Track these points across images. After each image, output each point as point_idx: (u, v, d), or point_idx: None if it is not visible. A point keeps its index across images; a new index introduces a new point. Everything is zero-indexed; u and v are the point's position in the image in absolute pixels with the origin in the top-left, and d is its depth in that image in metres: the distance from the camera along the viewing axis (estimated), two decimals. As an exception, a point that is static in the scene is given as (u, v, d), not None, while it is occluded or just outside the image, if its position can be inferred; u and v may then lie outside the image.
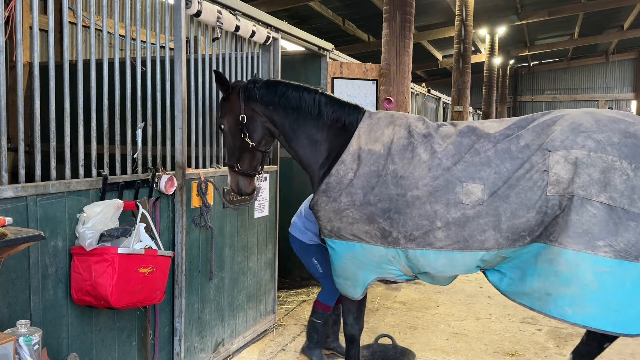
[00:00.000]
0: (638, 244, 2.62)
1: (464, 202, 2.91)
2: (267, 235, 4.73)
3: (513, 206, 2.84)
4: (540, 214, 2.81)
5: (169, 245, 3.48)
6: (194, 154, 3.90)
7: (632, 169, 2.67)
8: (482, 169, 2.92)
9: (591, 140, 2.76)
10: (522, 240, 2.88)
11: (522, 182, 2.84)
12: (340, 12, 15.78)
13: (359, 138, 3.20)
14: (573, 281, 2.72)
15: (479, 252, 2.95)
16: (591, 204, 2.69)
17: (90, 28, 3.04)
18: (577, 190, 2.72)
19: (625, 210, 2.65)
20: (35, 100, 2.67)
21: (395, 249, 3.11)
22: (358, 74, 6.38)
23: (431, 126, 3.21)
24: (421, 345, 4.49)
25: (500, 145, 2.95)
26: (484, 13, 17.34)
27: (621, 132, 2.75)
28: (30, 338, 2.21)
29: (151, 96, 3.40)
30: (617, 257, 2.63)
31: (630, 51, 28.38)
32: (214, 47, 3.97)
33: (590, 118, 2.85)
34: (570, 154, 2.76)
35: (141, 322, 3.30)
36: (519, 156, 2.88)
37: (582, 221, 2.69)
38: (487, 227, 2.90)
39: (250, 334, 4.51)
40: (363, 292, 3.34)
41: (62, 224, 2.73)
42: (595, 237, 2.67)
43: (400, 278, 3.33)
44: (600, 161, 2.71)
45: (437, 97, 12.09)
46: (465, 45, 13.24)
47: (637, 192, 2.66)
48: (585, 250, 2.68)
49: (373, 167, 3.11)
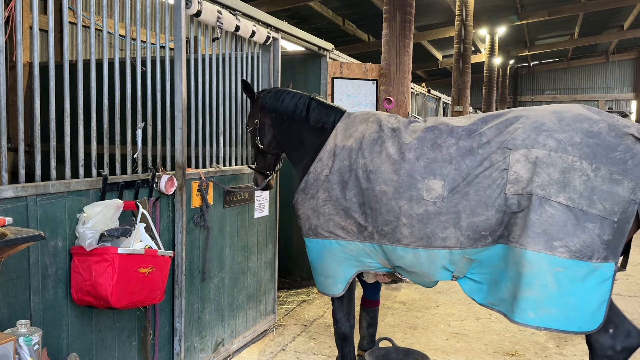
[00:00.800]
0: (593, 245, 2.61)
1: (425, 198, 2.91)
2: (267, 235, 4.73)
3: (472, 203, 2.82)
4: (499, 212, 2.79)
5: (169, 245, 3.48)
6: (194, 154, 3.91)
7: (592, 170, 2.63)
8: (444, 165, 2.91)
9: (552, 139, 2.72)
10: (483, 240, 2.86)
11: (481, 180, 2.82)
12: (340, 12, 15.79)
13: (336, 136, 3.33)
14: (535, 283, 2.69)
15: (442, 250, 2.93)
16: (550, 204, 2.66)
17: (90, 28, 3.04)
18: (536, 190, 2.69)
19: (584, 211, 2.62)
20: (35, 100, 2.67)
21: (372, 244, 3.16)
22: (358, 74, 6.38)
23: (402, 121, 3.22)
24: (421, 346, 4.49)
25: (462, 141, 2.93)
26: (484, 13, 17.35)
27: (584, 131, 2.70)
28: (30, 338, 2.21)
29: (151, 96, 3.40)
30: (572, 257, 2.62)
31: (630, 51, 28.39)
32: (214, 47, 3.97)
33: (554, 117, 2.81)
34: (531, 153, 2.73)
35: (141, 322, 3.30)
36: (479, 152, 2.86)
37: (541, 221, 2.66)
38: (447, 224, 2.88)
39: (250, 334, 4.51)
40: (344, 288, 3.36)
41: (62, 224, 2.73)
42: (553, 237, 2.64)
43: (381, 270, 3.34)
44: (561, 161, 2.67)
45: (437, 97, 12.09)
46: (465, 45, 13.24)
47: (596, 193, 2.61)
48: (544, 251, 2.66)
49: (346, 161, 3.19)
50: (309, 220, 3.32)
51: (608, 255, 2.62)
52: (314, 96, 3.62)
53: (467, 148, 2.89)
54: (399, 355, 3.87)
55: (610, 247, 2.61)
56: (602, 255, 2.61)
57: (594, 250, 2.61)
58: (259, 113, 3.72)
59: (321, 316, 5.20)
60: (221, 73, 4.09)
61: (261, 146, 3.72)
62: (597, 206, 2.61)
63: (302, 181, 3.33)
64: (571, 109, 2.86)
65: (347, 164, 3.17)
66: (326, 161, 3.26)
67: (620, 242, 2.63)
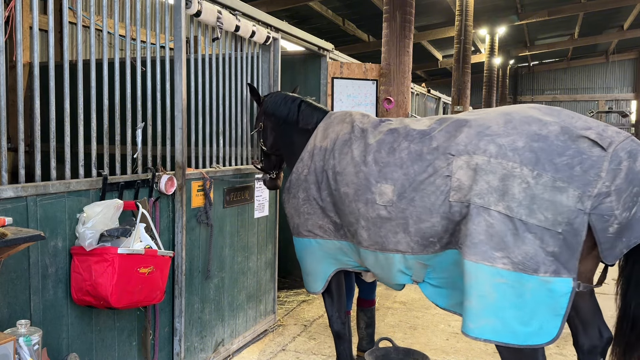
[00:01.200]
0: (536, 257, 2.44)
1: (378, 202, 2.89)
2: (267, 235, 4.73)
3: (418, 210, 2.76)
4: (444, 219, 2.69)
5: (169, 245, 3.48)
6: (194, 154, 3.91)
7: (533, 177, 2.45)
8: (395, 169, 2.87)
9: (493, 144, 2.58)
10: (432, 247, 2.79)
11: (426, 186, 2.74)
12: (340, 12, 15.78)
13: (316, 136, 3.38)
14: (472, 293, 2.58)
15: (395, 254, 2.90)
16: (489, 214, 2.52)
17: (90, 28, 3.04)
18: (474, 199, 2.56)
19: (523, 221, 2.45)
20: (35, 100, 2.67)
21: (347, 242, 3.20)
22: (358, 74, 6.38)
23: (372, 122, 3.20)
24: (421, 346, 4.49)
25: (413, 145, 2.87)
26: (484, 13, 17.34)
27: (529, 135, 2.54)
28: (30, 338, 2.21)
29: (151, 96, 3.40)
30: (516, 269, 2.46)
31: (630, 51, 28.38)
32: (214, 47, 3.98)
33: (502, 119, 2.67)
34: (472, 160, 2.61)
35: (141, 322, 3.30)
36: (427, 158, 2.78)
37: (479, 231, 2.53)
38: (398, 229, 2.84)
39: (250, 334, 4.51)
40: (324, 286, 3.42)
41: (62, 224, 2.73)
42: (493, 248, 2.50)
43: (359, 269, 3.36)
44: (500, 167, 2.52)
45: (437, 97, 12.09)
46: (465, 45, 13.24)
47: (537, 202, 2.43)
48: (482, 262, 2.52)
49: (320, 162, 3.24)
50: (292, 220, 3.40)
51: (559, 269, 2.43)
52: (306, 99, 3.71)
53: (417, 152, 2.83)
54: (399, 355, 3.86)
55: (559, 261, 2.43)
56: (550, 269, 2.43)
57: (538, 262, 2.44)
58: (263, 116, 3.83)
59: (321, 316, 5.20)
60: (221, 73, 4.09)
61: (265, 148, 3.85)
62: (537, 216, 2.43)
63: (287, 181, 3.43)
64: (524, 111, 2.70)
65: (322, 164, 3.22)
66: (306, 161, 3.32)
67: (572, 255, 2.43)
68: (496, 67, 21.16)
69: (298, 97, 3.74)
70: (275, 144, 3.80)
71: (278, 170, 3.95)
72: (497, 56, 20.26)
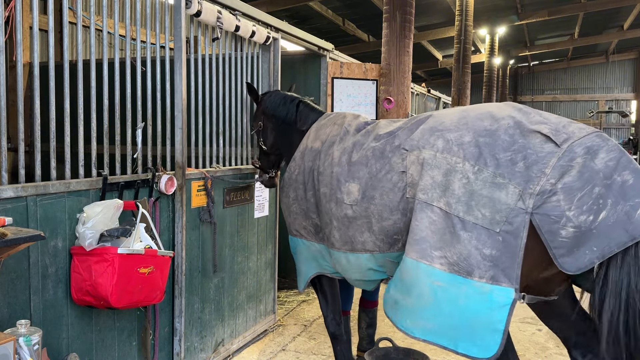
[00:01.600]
0: (470, 258, 2.28)
1: (346, 201, 2.88)
2: (267, 235, 4.73)
3: (379, 207, 2.72)
4: (405, 215, 2.64)
5: (169, 245, 3.48)
6: (194, 154, 3.91)
7: (473, 172, 2.32)
8: (360, 168, 2.85)
9: (442, 139, 2.52)
10: (397, 244, 2.73)
11: (384, 183, 2.71)
12: (340, 12, 15.77)
13: (308, 137, 3.39)
14: (412, 291, 2.50)
15: (364, 254, 2.87)
16: (431, 209, 2.42)
17: (90, 28, 3.03)
18: (419, 194, 2.49)
19: (460, 218, 2.32)
20: (35, 100, 2.67)
21: (325, 245, 3.19)
22: (358, 74, 6.38)
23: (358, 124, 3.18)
24: (421, 346, 4.48)
25: (379, 144, 2.84)
26: (484, 13, 17.33)
27: (477, 130, 2.43)
28: (30, 338, 2.21)
29: (151, 96, 3.40)
30: (451, 270, 2.34)
31: (630, 51, 28.36)
32: (214, 47, 3.98)
33: (457, 116, 2.59)
34: (421, 154, 2.56)
35: (141, 322, 3.30)
36: (388, 156, 2.75)
37: (421, 227, 2.44)
38: (363, 228, 2.81)
39: (250, 334, 4.51)
40: (304, 287, 3.47)
41: (62, 224, 2.73)
42: (432, 246, 2.39)
43: (336, 275, 3.31)
44: (445, 162, 2.43)
45: (437, 97, 12.09)
46: (465, 45, 13.24)
47: (475, 198, 2.29)
48: (422, 260, 2.43)
49: (309, 163, 3.25)
50: (286, 218, 3.46)
51: (497, 276, 2.24)
52: (304, 99, 3.72)
53: (380, 150, 2.80)
54: (399, 355, 3.86)
55: (498, 266, 2.24)
56: (486, 275, 2.25)
57: (472, 265, 2.28)
58: (262, 116, 3.83)
59: (321, 316, 5.20)
60: (221, 73, 4.09)
61: (264, 147, 3.85)
62: (475, 213, 2.28)
63: (282, 179, 3.46)
64: (482, 109, 2.58)
65: (310, 165, 3.23)
66: (298, 161, 3.33)
67: (512, 260, 2.22)
68: (496, 67, 21.15)
69: (297, 97, 3.75)
70: (275, 144, 3.80)
71: (277, 169, 3.99)
72: (497, 56, 20.25)
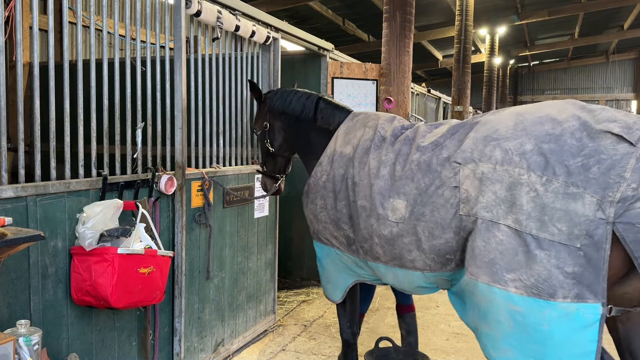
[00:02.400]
0: (551, 279, 2.09)
1: (390, 218, 2.68)
2: (267, 235, 4.73)
3: (429, 225, 2.54)
4: (458, 234, 2.47)
5: (168, 245, 3.48)
6: (194, 154, 3.91)
7: (542, 183, 2.14)
8: (406, 183, 2.66)
9: (499, 149, 2.31)
10: (450, 264, 2.58)
11: (435, 199, 2.52)
12: (340, 12, 15.79)
13: (336, 140, 3.17)
14: (489, 317, 2.32)
15: (416, 271, 2.71)
16: (498, 228, 2.24)
17: (90, 28, 3.04)
18: (481, 212, 2.31)
19: (534, 236, 2.13)
20: (35, 100, 2.66)
21: (360, 258, 3.01)
22: (358, 73, 6.38)
23: (394, 130, 2.98)
24: (421, 346, 4.49)
25: (424, 156, 2.65)
26: (484, 13, 17.35)
27: (539, 135, 2.24)
28: (30, 338, 2.21)
29: (151, 96, 3.40)
30: (529, 294, 2.15)
31: (630, 51, 28.40)
32: (214, 47, 3.97)
33: (512, 121, 2.39)
34: (478, 168, 2.36)
35: (141, 322, 3.30)
36: (437, 169, 2.56)
37: (488, 249, 2.26)
38: (411, 247, 2.64)
39: (250, 334, 4.51)
40: (342, 296, 3.29)
41: (62, 224, 2.73)
42: (504, 268, 2.21)
43: (377, 282, 3.19)
44: (507, 175, 2.25)
45: (437, 97, 12.09)
46: (465, 45, 13.25)
47: (548, 212, 2.11)
48: (494, 284, 2.25)
49: (341, 170, 3.04)
50: (312, 224, 3.26)
51: (582, 292, 2.07)
52: (322, 95, 3.51)
53: (427, 163, 2.61)
54: (399, 355, 3.86)
55: (582, 283, 2.07)
56: (571, 293, 2.08)
57: (554, 286, 2.10)
58: (268, 115, 3.60)
59: (321, 316, 5.20)
60: (221, 73, 4.09)
61: (272, 149, 3.61)
62: (550, 229, 2.10)
63: (307, 184, 3.25)
64: (539, 110, 2.38)
65: (342, 172, 3.03)
66: (325, 166, 3.14)
67: (597, 275, 2.05)
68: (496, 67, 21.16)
69: (313, 93, 3.55)
70: (285, 144, 3.59)
71: (284, 173, 3.73)
72: (497, 56, 20.27)
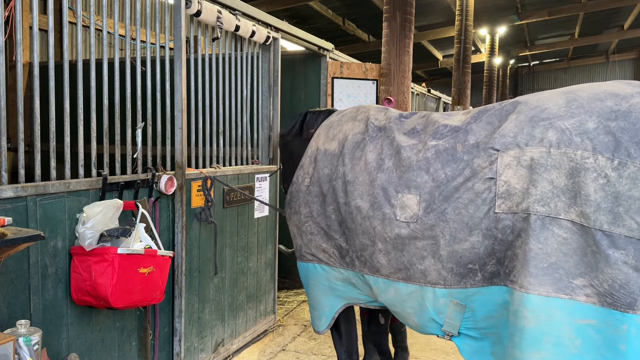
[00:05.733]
0: (629, 285, 1.73)
1: (399, 218, 2.28)
2: (267, 235, 4.73)
3: (452, 225, 2.12)
4: (488, 238, 2.06)
5: (168, 245, 3.48)
6: (194, 154, 3.91)
7: (613, 167, 1.78)
8: (419, 174, 2.23)
9: (553, 130, 1.93)
10: (472, 277, 2.13)
11: (462, 194, 2.11)
12: (340, 12, 15.79)
13: (318, 137, 2.79)
14: (544, 341, 1.89)
15: (425, 287, 2.25)
16: (559, 225, 1.87)
17: (90, 28, 3.04)
18: (535, 206, 1.92)
19: (605, 232, 1.77)
20: (35, 100, 2.67)
21: (354, 272, 2.56)
22: (358, 73, 6.38)
23: (391, 117, 2.57)
24: (421, 345, 4.49)
25: (443, 142, 2.22)
26: (484, 13, 17.34)
27: (603, 112, 1.87)
28: (30, 338, 2.21)
29: (151, 96, 3.40)
30: (603, 304, 1.78)
31: (630, 51, 28.39)
32: (214, 47, 3.97)
33: (563, 98, 2.02)
34: (525, 154, 1.97)
35: (141, 322, 3.30)
36: (463, 158, 2.14)
37: (547, 251, 1.88)
38: (425, 253, 2.22)
39: (250, 334, 4.51)
40: (328, 324, 2.78)
41: (62, 224, 2.73)
42: (570, 273, 1.84)
43: (373, 304, 2.70)
44: (567, 159, 1.88)
45: (437, 97, 12.10)
46: (465, 45, 13.24)
47: (623, 203, 1.76)
48: (557, 294, 1.86)
49: (327, 169, 2.63)
50: (295, 240, 2.82)
51: None
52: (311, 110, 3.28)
53: (449, 151, 2.19)
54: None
55: None
56: None
57: (633, 293, 1.73)
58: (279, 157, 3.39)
59: (321, 316, 5.21)
60: (221, 73, 4.09)
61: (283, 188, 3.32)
62: (626, 223, 1.75)
63: (288, 193, 2.88)
64: (593, 87, 2.02)
65: (328, 172, 2.63)
66: (307, 168, 2.75)
67: None
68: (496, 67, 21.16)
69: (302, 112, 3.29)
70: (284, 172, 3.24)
71: None
72: (497, 56, 20.26)
